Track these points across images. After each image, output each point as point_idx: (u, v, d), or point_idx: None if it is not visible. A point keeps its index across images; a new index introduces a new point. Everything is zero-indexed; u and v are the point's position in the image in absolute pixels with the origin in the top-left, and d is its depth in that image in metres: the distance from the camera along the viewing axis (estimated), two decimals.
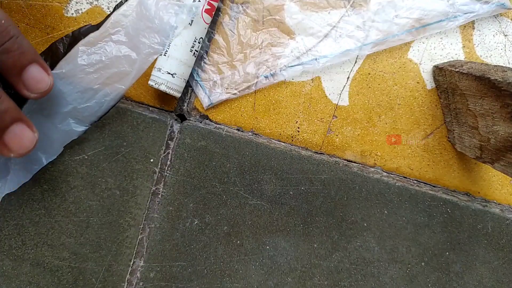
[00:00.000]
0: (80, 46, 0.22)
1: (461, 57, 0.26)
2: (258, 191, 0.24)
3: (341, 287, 0.23)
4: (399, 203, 0.25)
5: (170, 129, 0.24)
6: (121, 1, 0.23)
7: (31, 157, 0.22)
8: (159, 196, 0.24)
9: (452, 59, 0.26)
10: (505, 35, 0.26)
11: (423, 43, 0.26)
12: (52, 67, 0.21)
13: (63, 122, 0.22)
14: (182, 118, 0.25)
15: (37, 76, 0.18)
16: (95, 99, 0.22)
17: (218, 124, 0.25)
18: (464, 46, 0.26)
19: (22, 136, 0.17)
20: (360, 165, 0.25)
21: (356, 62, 0.25)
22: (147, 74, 0.24)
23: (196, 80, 0.24)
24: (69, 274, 0.22)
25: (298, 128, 0.25)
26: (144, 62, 0.22)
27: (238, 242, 0.24)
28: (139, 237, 0.23)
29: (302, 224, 0.24)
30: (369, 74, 0.25)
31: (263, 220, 0.24)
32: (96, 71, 0.22)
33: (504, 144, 0.20)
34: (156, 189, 0.24)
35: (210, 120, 0.25)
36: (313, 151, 0.25)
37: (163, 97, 0.24)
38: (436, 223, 0.25)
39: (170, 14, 0.22)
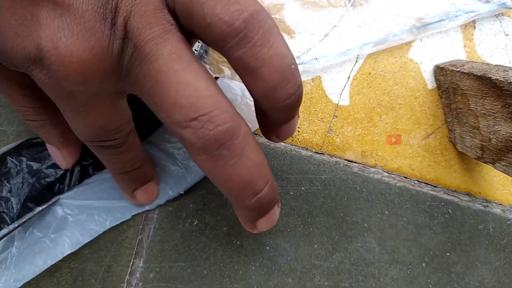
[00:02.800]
0: None
1: (462, 56, 0.26)
2: None
3: None
4: (400, 203, 0.25)
5: None
6: None
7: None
8: None
9: (453, 59, 0.26)
10: (506, 35, 0.26)
11: (424, 42, 0.26)
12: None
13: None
14: None
15: (294, 126, 0.17)
16: None
17: None
18: (465, 46, 0.26)
19: (274, 218, 0.17)
20: (361, 165, 0.25)
21: (356, 61, 0.25)
22: None
23: None
24: (68, 274, 0.22)
25: (298, 128, 0.25)
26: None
27: (238, 242, 0.23)
28: (138, 238, 0.23)
29: (302, 225, 0.24)
30: (369, 73, 0.25)
31: None
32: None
33: (505, 144, 0.20)
34: None
35: None
36: (314, 151, 0.25)
37: None
38: (437, 224, 0.25)
39: None
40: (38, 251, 0.21)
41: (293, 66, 0.13)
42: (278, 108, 0.14)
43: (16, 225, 0.21)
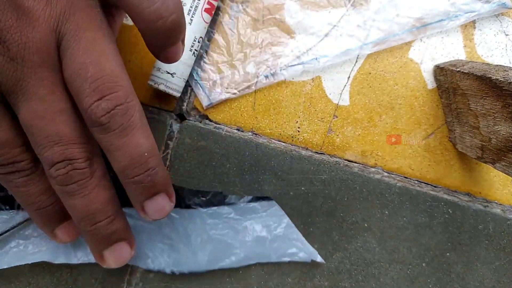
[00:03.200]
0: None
1: (462, 56, 0.26)
2: (258, 192, 0.24)
3: None
4: (400, 203, 0.25)
5: (169, 129, 0.24)
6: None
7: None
8: None
9: (453, 59, 0.26)
10: (506, 35, 0.26)
11: (424, 42, 0.26)
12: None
13: None
14: (181, 118, 0.25)
15: (159, 206, 0.18)
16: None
17: (217, 124, 0.25)
18: (465, 46, 0.26)
19: (121, 254, 0.19)
20: (361, 165, 0.25)
21: (356, 61, 0.25)
22: (146, 74, 0.24)
23: (196, 80, 0.24)
24: (68, 274, 0.22)
25: (299, 128, 0.25)
26: (241, 261, 0.23)
27: None
28: None
29: (302, 225, 0.24)
30: (369, 73, 0.25)
31: None
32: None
33: (505, 144, 0.20)
34: None
35: (210, 120, 0.25)
36: (314, 151, 0.25)
37: (162, 97, 0.24)
38: (437, 224, 0.25)
39: (290, 243, 0.23)
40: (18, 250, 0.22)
41: (146, 154, 0.16)
42: (129, 184, 0.17)
43: (21, 220, 0.21)
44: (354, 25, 0.25)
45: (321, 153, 0.25)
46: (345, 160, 0.25)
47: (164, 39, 0.16)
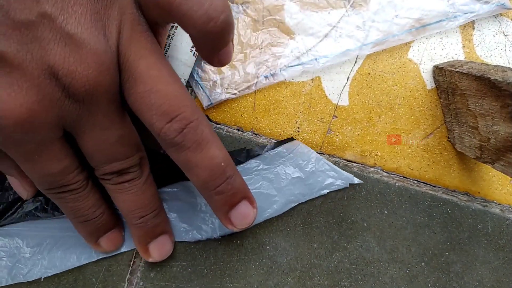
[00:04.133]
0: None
1: (461, 57, 0.26)
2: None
3: (341, 287, 0.23)
4: (399, 203, 0.25)
5: None
6: (287, 139, 0.24)
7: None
8: None
9: (452, 59, 0.26)
10: (505, 35, 0.26)
11: (423, 43, 0.26)
12: None
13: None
14: None
15: (244, 213, 0.19)
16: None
17: (218, 124, 0.25)
18: (464, 46, 0.26)
19: (164, 246, 0.22)
20: (360, 165, 0.25)
21: (356, 62, 0.25)
22: None
23: (196, 80, 0.24)
24: (69, 274, 0.22)
25: (298, 128, 0.25)
26: (283, 207, 0.23)
27: (238, 242, 0.24)
28: None
29: (302, 224, 0.24)
30: (369, 74, 0.25)
31: None
32: None
33: (504, 144, 0.20)
34: None
35: (210, 120, 0.25)
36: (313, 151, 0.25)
37: None
38: (436, 223, 0.25)
39: (324, 175, 0.23)
40: (74, 243, 0.22)
41: (222, 164, 0.17)
42: (212, 196, 0.18)
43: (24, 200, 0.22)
44: (353, 26, 0.25)
45: (321, 153, 0.25)
46: (345, 160, 0.25)
47: (216, 41, 0.16)
